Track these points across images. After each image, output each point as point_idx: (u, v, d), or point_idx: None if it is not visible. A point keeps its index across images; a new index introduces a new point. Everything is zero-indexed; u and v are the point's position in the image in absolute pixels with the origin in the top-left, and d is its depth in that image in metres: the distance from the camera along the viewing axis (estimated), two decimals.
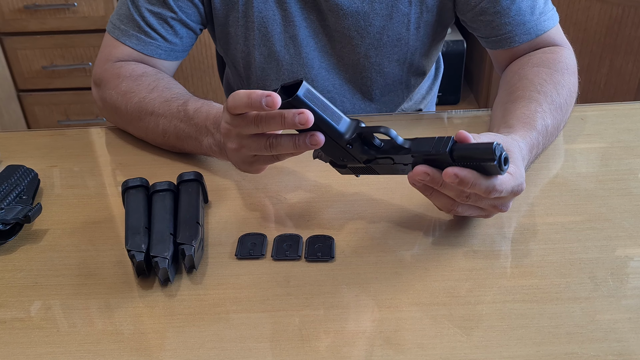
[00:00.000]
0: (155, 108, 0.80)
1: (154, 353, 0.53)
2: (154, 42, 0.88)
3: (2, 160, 0.83)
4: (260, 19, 0.90)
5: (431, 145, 0.59)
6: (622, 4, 1.74)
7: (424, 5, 0.89)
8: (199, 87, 2.10)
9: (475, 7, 0.87)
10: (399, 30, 0.91)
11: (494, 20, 0.86)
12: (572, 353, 0.52)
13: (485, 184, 0.57)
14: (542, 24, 0.86)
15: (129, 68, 0.86)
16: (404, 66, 0.97)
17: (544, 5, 0.87)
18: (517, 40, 0.87)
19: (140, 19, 0.87)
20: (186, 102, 0.78)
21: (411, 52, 0.94)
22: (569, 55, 0.86)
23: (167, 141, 0.80)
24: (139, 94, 0.82)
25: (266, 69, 0.95)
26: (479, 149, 0.56)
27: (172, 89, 0.83)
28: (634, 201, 0.70)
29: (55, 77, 2.03)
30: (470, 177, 0.56)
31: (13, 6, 1.89)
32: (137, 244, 0.60)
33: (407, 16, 0.89)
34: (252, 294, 0.59)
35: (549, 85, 0.79)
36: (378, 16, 0.89)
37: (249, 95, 0.58)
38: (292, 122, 0.57)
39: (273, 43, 0.92)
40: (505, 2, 0.84)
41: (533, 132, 0.72)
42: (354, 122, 0.62)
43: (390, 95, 1.01)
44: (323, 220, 0.69)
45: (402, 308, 0.57)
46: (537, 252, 0.63)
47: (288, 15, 0.89)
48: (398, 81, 0.99)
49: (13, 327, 0.57)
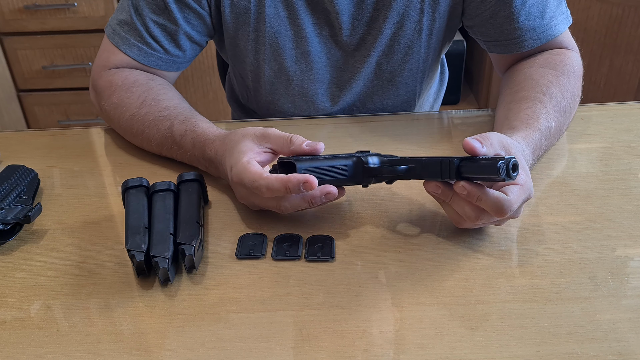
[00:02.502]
0: (145, 127, 0.79)
1: (154, 353, 0.53)
2: (155, 54, 0.87)
3: (2, 160, 0.83)
4: (272, 35, 0.88)
5: (439, 172, 0.60)
6: (622, 3, 1.74)
7: (436, 12, 0.87)
8: (199, 87, 2.10)
9: (486, 11, 0.85)
10: (411, 37, 0.89)
11: (504, 24, 0.85)
12: (572, 353, 0.52)
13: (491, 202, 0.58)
14: (552, 28, 0.85)
15: (122, 76, 0.85)
16: (417, 74, 0.95)
17: (556, 8, 0.85)
18: (526, 45, 0.85)
19: (143, 29, 0.85)
20: (171, 125, 0.77)
21: (423, 59, 0.93)
22: (575, 59, 0.85)
23: (163, 154, 0.81)
24: (130, 109, 0.81)
25: (275, 83, 0.94)
26: (485, 170, 0.57)
27: (160, 101, 0.81)
28: (634, 201, 0.70)
29: (55, 77, 2.03)
30: (476, 192, 0.58)
31: (13, 6, 1.89)
32: (137, 244, 0.60)
33: (419, 23, 0.88)
34: (252, 294, 0.59)
35: (554, 87, 0.78)
36: (389, 23, 0.87)
37: (286, 185, 0.61)
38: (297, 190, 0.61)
39: (284, 58, 0.90)
40: (516, 6, 0.82)
41: (536, 133, 0.72)
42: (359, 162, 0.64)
43: (403, 105, 1.00)
44: (323, 220, 0.69)
45: (402, 308, 0.57)
46: (537, 252, 0.63)
47: (300, 31, 0.88)
48: (410, 90, 0.98)
49: (13, 327, 0.57)
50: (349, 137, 0.86)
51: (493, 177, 0.56)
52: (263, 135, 0.67)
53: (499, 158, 0.55)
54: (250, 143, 0.67)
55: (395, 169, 0.64)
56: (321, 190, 0.62)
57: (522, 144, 0.68)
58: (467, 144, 0.59)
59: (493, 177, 0.56)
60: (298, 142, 0.65)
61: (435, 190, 0.62)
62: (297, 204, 0.64)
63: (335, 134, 0.88)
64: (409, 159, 0.64)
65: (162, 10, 0.84)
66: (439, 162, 0.60)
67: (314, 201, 0.63)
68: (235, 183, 0.67)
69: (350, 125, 0.90)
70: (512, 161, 0.55)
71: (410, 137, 0.86)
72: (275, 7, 0.86)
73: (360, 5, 0.86)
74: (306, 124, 0.91)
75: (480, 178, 0.58)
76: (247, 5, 0.86)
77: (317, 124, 0.91)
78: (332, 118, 0.93)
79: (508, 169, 0.55)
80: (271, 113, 0.99)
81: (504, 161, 0.55)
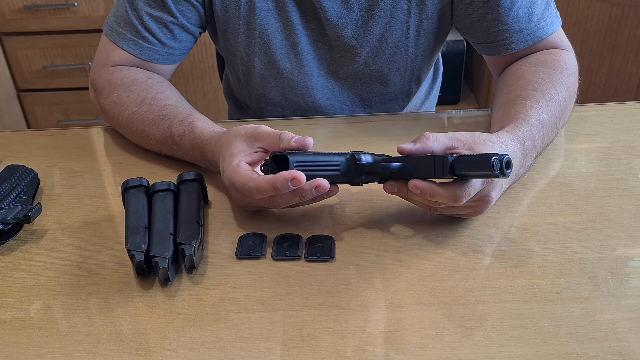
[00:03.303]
0: (144, 126, 0.80)
1: (154, 353, 0.53)
2: (151, 47, 0.87)
3: (2, 160, 0.83)
4: (262, 27, 0.89)
5: (432, 168, 0.60)
6: (622, 4, 1.74)
7: (423, 13, 0.88)
8: (199, 87, 2.10)
9: (474, 14, 0.86)
10: (398, 37, 0.90)
11: (491, 27, 0.85)
12: (572, 353, 0.52)
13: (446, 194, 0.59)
14: (540, 30, 0.85)
15: (120, 74, 0.86)
16: (405, 74, 0.96)
17: (544, 11, 0.85)
18: (513, 47, 0.86)
19: (138, 23, 0.86)
20: (170, 125, 0.77)
21: (411, 59, 0.94)
22: (568, 57, 0.86)
23: (164, 153, 0.81)
24: (129, 108, 0.82)
25: (266, 76, 0.95)
26: (479, 167, 0.56)
27: (160, 100, 0.82)
28: (634, 201, 0.70)
29: (55, 77, 2.03)
30: (429, 189, 0.60)
31: (13, 6, 1.89)
32: (137, 244, 0.60)
33: (406, 24, 0.89)
34: (252, 294, 0.59)
35: (546, 83, 0.79)
36: (377, 24, 0.88)
37: (274, 185, 0.61)
38: (286, 188, 0.60)
39: (274, 51, 0.91)
40: (503, 9, 0.83)
41: (525, 126, 0.71)
42: (352, 159, 0.64)
43: (391, 103, 1.01)
44: (323, 220, 0.69)
45: (402, 308, 0.57)
46: (537, 252, 0.63)
47: (289, 23, 0.89)
48: (399, 89, 0.99)
49: (13, 327, 0.57)
50: (348, 137, 0.86)
51: (487, 173, 0.56)
52: (254, 134, 0.67)
53: (492, 154, 0.55)
54: (241, 144, 0.67)
55: (387, 165, 0.63)
56: (310, 183, 0.61)
57: (504, 136, 0.68)
58: (398, 148, 0.62)
59: (487, 172, 0.55)
60: (287, 138, 0.64)
61: (392, 190, 0.64)
62: (288, 199, 0.63)
63: (334, 134, 0.88)
64: (402, 157, 0.63)
65: (157, 3, 0.85)
66: (432, 160, 0.59)
67: (304, 194, 0.62)
68: (228, 186, 0.67)
69: (348, 125, 0.90)
70: (506, 158, 0.55)
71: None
72: (265, 0, 0.87)
73: (346, 4, 0.87)
74: (305, 124, 0.91)
75: (474, 175, 0.58)
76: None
77: (318, 124, 0.91)
78: (331, 118, 0.93)
79: (502, 166, 0.55)
80: (262, 106, 1.00)
81: (497, 157, 0.55)
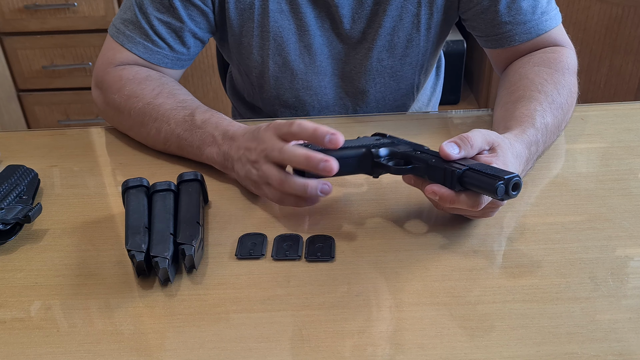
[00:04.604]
0: (159, 115, 0.79)
1: (154, 353, 0.53)
2: (161, 52, 0.87)
3: (2, 160, 0.83)
4: (276, 29, 0.89)
5: (442, 178, 0.61)
6: (622, 4, 1.74)
7: (434, 6, 0.89)
8: (199, 87, 2.10)
9: (477, 5, 0.87)
10: (409, 30, 0.91)
11: (495, 19, 0.86)
12: (572, 353, 0.52)
13: (467, 202, 0.60)
14: (544, 23, 0.86)
15: (132, 71, 0.86)
16: (416, 68, 0.97)
17: (547, 4, 0.86)
18: (516, 39, 0.86)
19: (148, 27, 0.86)
20: (193, 112, 0.78)
21: (422, 53, 0.94)
22: (570, 55, 0.86)
23: (168, 148, 0.80)
24: (144, 99, 0.81)
25: (280, 77, 0.95)
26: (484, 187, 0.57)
27: (177, 95, 0.82)
28: (634, 201, 0.70)
29: (55, 77, 2.03)
30: (449, 196, 0.60)
31: (13, 6, 1.89)
32: (137, 244, 0.60)
33: (417, 17, 0.89)
34: (252, 294, 0.59)
35: (549, 85, 0.79)
36: (388, 17, 0.89)
37: (316, 129, 0.62)
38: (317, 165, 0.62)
39: (288, 52, 0.91)
40: (506, 0, 0.84)
41: (531, 129, 0.72)
42: (369, 155, 0.66)
43: (403, 99, 1.01)
44: (323, 220, 0.69)
45: (402, 308, 0.57)
46: (537, 252, 0.63)
47: (303, 24, 0.89)
48: (410, 84, 0.99)
49: (13, 327, 0.57)
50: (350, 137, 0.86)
51: (491, 195, 0.57)
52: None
53: (500, 177, 0.56)
54: None
55: (400, 169, 0.64)
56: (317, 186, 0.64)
57: (513, 140, 0.68)
58: (442, 150, 0.61)
59: (491, 194, 0.57)
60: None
61: (409, 181, 0.66)
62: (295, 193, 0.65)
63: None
64: (419, 156, 0.64)
65: (166, 8, 0.85)
66: (443, 170, 0.61)
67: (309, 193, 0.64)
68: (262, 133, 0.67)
69: (351, 124, 0.90)
70: (514, 180, 0.56)
71: (411, 136, 0.86)
72: (278, 2, 0.87)
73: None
74: None
75: (481, 192, 0.59)
76: (252, 1, 0.87)
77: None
78: (334, 118, 0.93)
79: (508, 189, 0.56)
80: (275, 108, 1.00)
81: (503, 182, 0.56)
